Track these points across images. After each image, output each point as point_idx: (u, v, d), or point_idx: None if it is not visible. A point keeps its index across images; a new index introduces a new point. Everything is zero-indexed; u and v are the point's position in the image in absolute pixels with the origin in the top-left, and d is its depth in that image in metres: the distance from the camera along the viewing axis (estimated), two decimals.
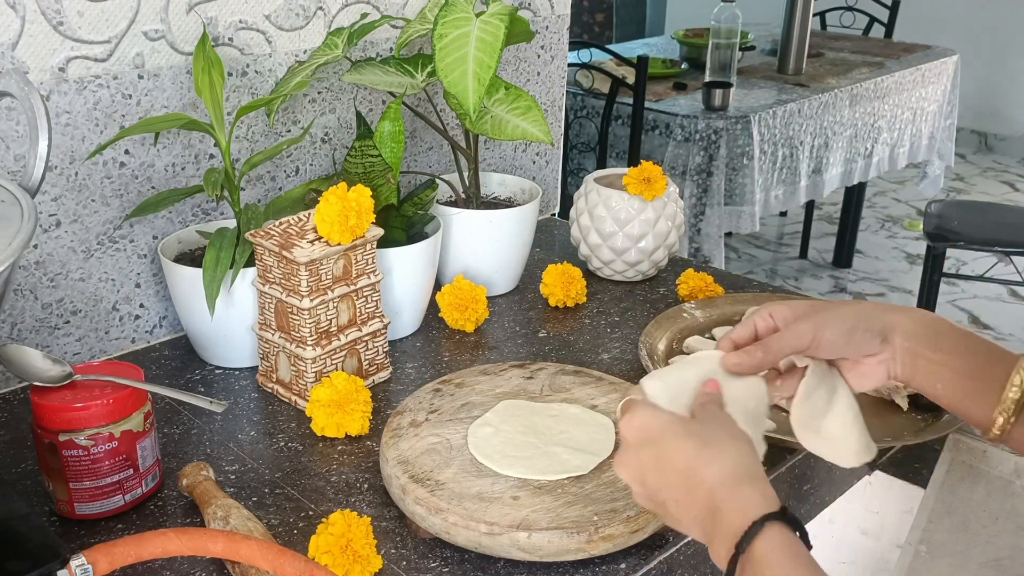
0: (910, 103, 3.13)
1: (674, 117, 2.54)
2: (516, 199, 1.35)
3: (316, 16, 1.21)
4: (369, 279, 1.03)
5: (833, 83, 2.86)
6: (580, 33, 5.04)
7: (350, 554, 0.76)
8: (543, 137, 1.14)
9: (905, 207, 4.38)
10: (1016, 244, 2.62)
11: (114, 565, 0.67)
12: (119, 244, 1.11)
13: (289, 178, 1.25)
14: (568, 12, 1.53)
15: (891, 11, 3.78)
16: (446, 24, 1.06)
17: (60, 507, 0.84)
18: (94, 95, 1.04)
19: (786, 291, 1.28)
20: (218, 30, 1.12)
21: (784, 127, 2.64)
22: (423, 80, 1.14)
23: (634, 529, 0.79)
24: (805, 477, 0.98)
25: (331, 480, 0.91)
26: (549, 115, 1.57)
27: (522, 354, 1.15)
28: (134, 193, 1.10)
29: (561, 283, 1.25)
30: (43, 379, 0.82)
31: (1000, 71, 4.98)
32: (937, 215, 2.74)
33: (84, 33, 1.01)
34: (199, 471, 0.87)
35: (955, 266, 3.59)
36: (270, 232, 1.00)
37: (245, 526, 0.79)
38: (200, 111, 1.12)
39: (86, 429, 0.80)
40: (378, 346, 1.07)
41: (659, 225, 1.30)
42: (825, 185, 2.87)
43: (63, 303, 1.07)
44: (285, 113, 1.21)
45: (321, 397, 0.96)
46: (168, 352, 1.14)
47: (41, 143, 0.76)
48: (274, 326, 1.02)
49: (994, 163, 5.03)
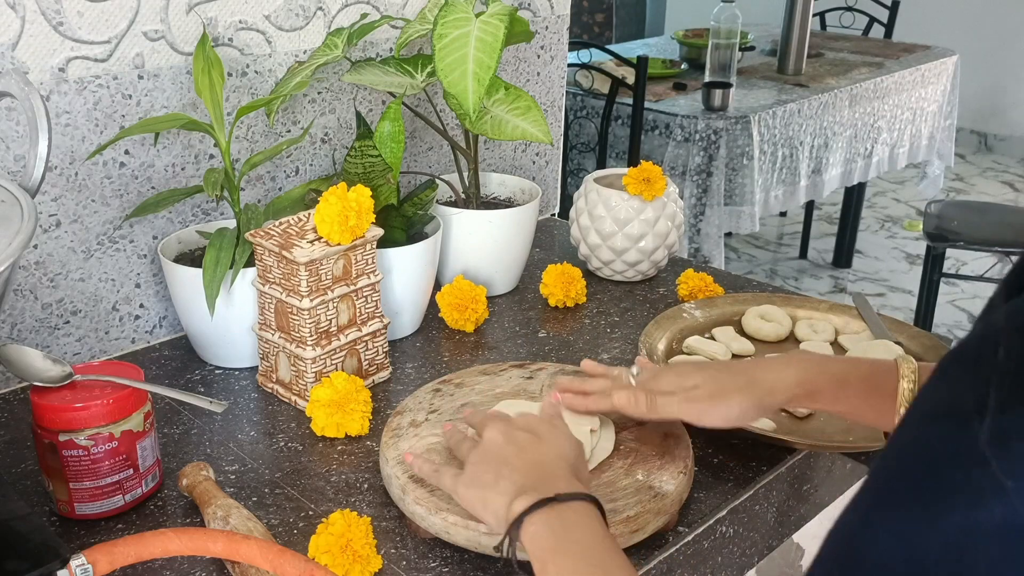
0: (910, 103, 3.13)
1: (674, 117, 2.54)
2: (516, 199, 1.35)
3: (316, 16, 1.21)
4: (369, 279, 1.03)
5: (833, 83, 2.87)
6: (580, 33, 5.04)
7: (350, 554, 0.76)
8: (543, 137, 1.14)
9: (905, 207, 4.38)
10: (1016, 244, 2.62)
11: (114, 565, 0.67)
12: (119, 244, 1.11)
13: (289, 178, 1.25)
14: (568, 12, 1.53)
15: (891, 11, 3.78)
16: (446, 24, 1.06)
17: (60, 507, 0.84)
18: (94, 95, 1.04)
19: (786, 291, 1.28)
20: (218, 30, 1.12)
21: (784, 127, 2.64)
22: (423, 80, 1.14)
23: (634, 529, 0.79)
24: (805, 477, 0.98)
25: (331, 480, 0.91)
26: (549, 115, 1.57)
27: (522, 354, 1.15)
28: (134, 193, 1.10)
29: (561, 283, 1.25)
30: (43, 379, 0.82)
31: (1000, 71, 4.98)
32: (937, 215, 2.74)
33: (84, 33, 1.01)
34: (199, 471, 0.87)
35: (955, 266, 3.59)
36: (270, 232, 1.00)
37: (245, 526, 0.79)
38: (200, 111, 1.12)
39: (86, 429, 0.80)
40: (378, 346, 1.07)
41: (659, 225, 1.30)
42: (825, 185, 2.87)
43: (63, 303, 1.07)
44: (285, 113, 1.21)
45: (321, 397, 0.96)
46: (168, 352, 1.15)
47: (41, 143, 0.76)
48: (274, 326, 1.02)
49: (994, 163, 5.03)
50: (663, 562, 0.82)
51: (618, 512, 0.79)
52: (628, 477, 0.84)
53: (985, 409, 0.37)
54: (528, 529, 0.67)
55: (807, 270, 3.72)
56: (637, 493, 0.81)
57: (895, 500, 0.40)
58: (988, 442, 0.36)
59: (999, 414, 0.36)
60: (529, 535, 0.67)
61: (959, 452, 0.37)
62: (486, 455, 0.75)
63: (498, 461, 0.74)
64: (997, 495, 0.35)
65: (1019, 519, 0.35)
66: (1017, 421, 0.36)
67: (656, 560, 0.81)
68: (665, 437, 0.89)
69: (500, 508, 0.70)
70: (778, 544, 0.99)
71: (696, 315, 1.19)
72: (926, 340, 1.13)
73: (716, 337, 1.16)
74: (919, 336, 1.14)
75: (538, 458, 0.73)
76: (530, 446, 0.75)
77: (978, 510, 0.36)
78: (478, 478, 0.74)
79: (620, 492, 0.81)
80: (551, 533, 0.66)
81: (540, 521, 0.67)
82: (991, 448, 0.36)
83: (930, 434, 0.39)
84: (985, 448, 0.36)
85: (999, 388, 0.37)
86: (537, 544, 0.66)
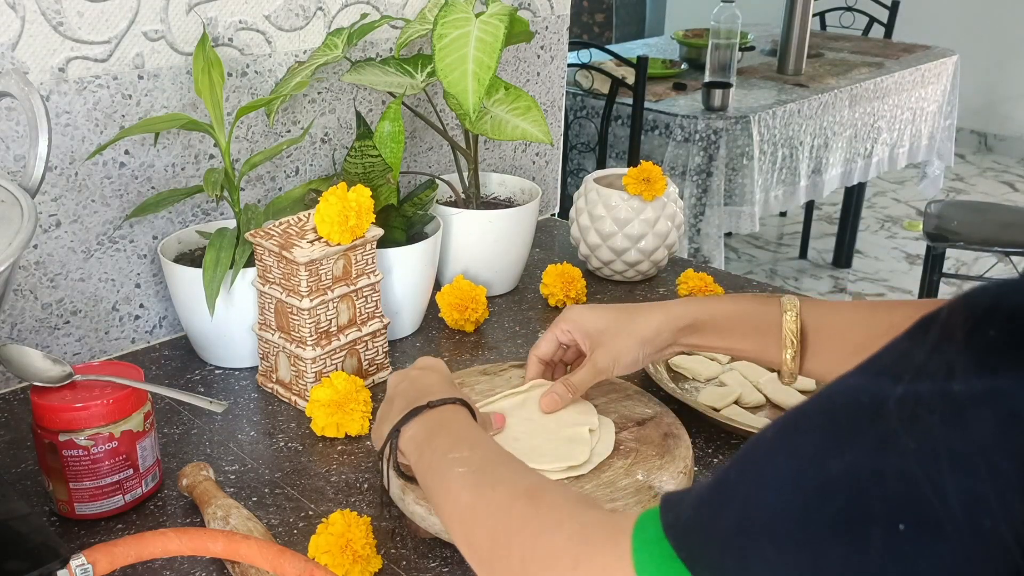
0: (910, 103, 3.13)
1: (674, 117, 2.54)
2: (516, 199, 1.35)
3: (316, 16, 1.21)
4: (369, 279, 1.03)
5: (833, 83, 2.87)
6: (580, 33, 5.05)
7: (350, 554, 0.76)
8: (543, 137, 1.14)
9: (905, 207, 4.38)
10: (1016, 244, 2.62)
11: (114, 565, 0.67)
12: (119, 244, 1.11)
13: (289, 178, 1.25)
14: (568, 12, 1.54)
15: (891, 11, 3.78)
16: (446, 24, 1.06)
17: (60, 507, 0.84)
18: (94, 95, 1.04)
19: (786, 291, 1.28)
20: (218, 30, 1.12)
21: (784, 127, 2.64)
22: (423, 80, 1.14)
23: None
24: None
25: (331, 480, 0.91)
26: (549, 115, 1.57)
27: (522, 354, 1.15)
28: (134, 193, 1.10)
29: (561, 283, 1.25)
30: (43, 379, 0.82)
31: (1000, 71, 4.98)
32: (937, 215, 2.74)
33: (84, 33, 1.01)
34: (199, 471, 0.87)
35: (955, 266, 3.59)
36: (270, 232, 1.00)
37: (245, 526, 0.79)
38: (200, 111, 1.12)
39: (86, 429, 0.80)
40: (378, 346, 1.07)
41: (659, 225, 1.30)
42: (825, 185, 2.87)
43: (63, 303, 1.07)
44: (285, 113, 1.21)
45: (321, 397, 0.96)
46: (168, 352, 1.15)
47: (41, 143, 0.76)
48: (274, 326, 1.02)
49: (994, 163, 5.03)
50: None
51: (618, 512, 0.79)
52: (628, 477, 0.84)
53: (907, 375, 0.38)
54: (405, 435, 0.75)
55: (807, 270, 3.72)
56: (637, 493, 0.81)
57: (804, 426, 0.42)
58: (897, 401, 0.37)
59: (913, 381, 0.37)
60: (406, 439, 0.74)
61: (875, 403, 0.38)
62: (388, 397, 0.82)
63: (394, 396, 0.81)
64: (898, 450, 0.37)
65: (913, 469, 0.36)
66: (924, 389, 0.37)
67: None
68: (665, 437, 0.89)
69: (385, 430, 0.77)
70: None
71: None
72: None
73: None
74: None
75: (425, 383, 0.79)
76: (420, 376, 0.81)
77: (878, 455, 0.37)
78: (381, 416, 0.81)
79: (620, 492, 0.81)
80: (425, 430, 0.73)
81: (416, 425, 0.74)
82: (897, 408, 0.37)
83: (860, 381, 0.40)
84: (894, 407, 0.37)
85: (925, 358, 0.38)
86: (413, 443, 0.73)
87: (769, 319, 0.82)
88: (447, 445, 0.70)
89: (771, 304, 0.82)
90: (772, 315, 0.82)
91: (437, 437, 0.72)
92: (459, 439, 0.70)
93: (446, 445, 0.70)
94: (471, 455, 0.67)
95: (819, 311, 0.81)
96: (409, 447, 0.74)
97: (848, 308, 0.82)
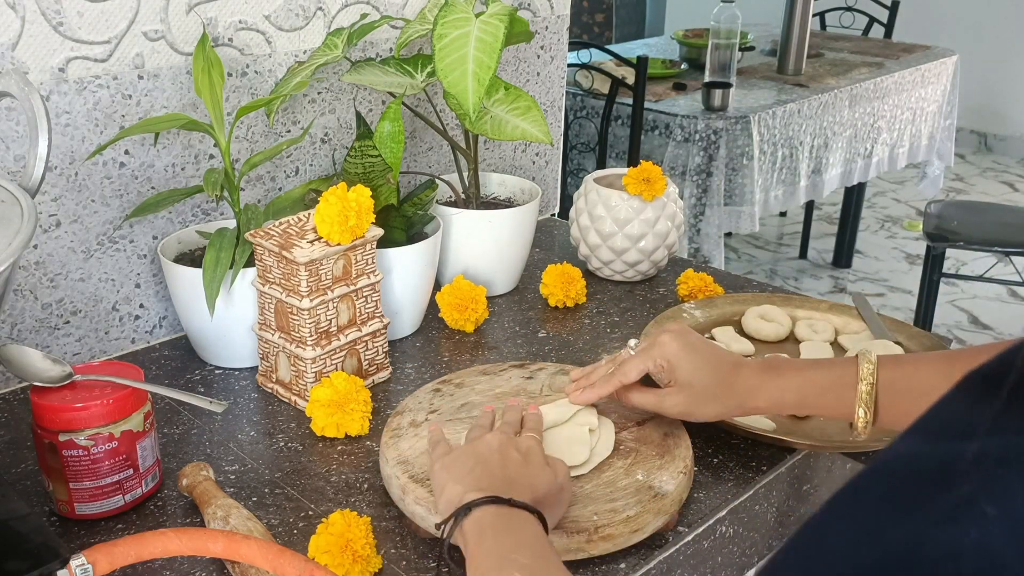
0: (910, 103, 3.13)
1: (674, 117, 2.54)
2: (516, 199, 1.35)
3: (316, 16, 1.21)
4: (369, 279, 1.03)
5: (833, 83, 2.86)
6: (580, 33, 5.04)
7: (350, 554, 0.76)
8: (543, 137, 1.14)
9: (905, 207, 4.38)
10: (1016, 244, 2.62)
11: (114, 565, 0.67)
12: (119, 244, 1.11)
13: (289, 178, 1.25)
14: (568, 12, 1.54)
15: (891, 11, 3.78)
16: (446, 24, 1.06)
17: (60, 507, 0.84)
18: (94, 95, 1.04)
19: (786, 291, 1.28)
20: (218, 30, 1.12)
21: (784, 127, 2.64)
22: (423, 80, 1.14)
23: (634, 529, 0.79)
24: (805, 477, 0.98)
25: (331, 480, 0.91)
26: (549, 115, 1.57)
27: (522, 354, 1.15)
28: (134, 193, 1.10)
29: (561, 283, 1.25)
30: (43, 379, 0.82)
31: (1000, 71, 4.98)
32: (937, 215, 2.74)
33: (84, 33, 1.01)
34: (199, 471, 0.87)
35: (955, 266, 3.59)
36: (270, 232, 1.00)
37: (245, 526, 0.79)
38: (200, 111, 1.12)
39: (86, 429, 0.81)
40: (378, 346, 1.07)
41: (659, 225, 1.30)
42: (825, 185, 2.87)
43: (63, 303, 1.07)
44: (285, 113, 1.21)
45: (321, 397, 0.96)
46: (168, 352, 1.15)
47: (41, 143, 0.76)
48: (274, 326, 1.02)
49: (994, 163, 5.03)
50: (663, 562, 0.82)
51: (618, 512, 0.79)
52: (628, 477, 0.84)
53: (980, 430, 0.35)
54: (473, 515, 0.71)
55: (807, 270, 3.72)
56: (637, 493, 0.81)
57: (869, 494, 0.39)
58: (972, 461, 0.35)
59: (989, 436, 0.35)
60: (473, 519, 0.71)
61: (944, 467, 0.36)
62: (474, 450, 0.78)
63: (480, 460, 0.76)
64: (976, 519, 0.33)
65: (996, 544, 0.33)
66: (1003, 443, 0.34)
67: (656, 560, 0.81)
68: (665, 437, 0.89)
69: (454, 496, 0.73)
70: (778, 544, 0.99)
71: (696, 315, 1.19)
72: (926, 340, 1.13)
73: (716, 337, 1.16)
74: (919, 336, 1.14)
75: (514, 476, 0.75)
76: (513, 465, 0.76)
77: (952, 527, 0.34)
78: (455, 465, 0.76)
79: (620, 492, 0.81)
80: (497, 522, 0.70)
81: (489, 513, 0.71)
82: (974, 468, 0.35)
83: (921, 446, 0.38)
84: (969, 468, 0.35)
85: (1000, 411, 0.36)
86: (478, 527, 0.70)
87: (845, 380, 0.83)
88: (511, 544, 0.68)
89: (848, 368, 0.83)
90: (849, 377, 0.82)
91: (504, 535, 0.70)
92: (524, 545, 0.69)
93: (510, 544, 0.68)
94: (532, 564, 0.66)
95: (895, 374, 0.81)
96: (473, 530, 0.71)
97: (926, 363, 0.82)
